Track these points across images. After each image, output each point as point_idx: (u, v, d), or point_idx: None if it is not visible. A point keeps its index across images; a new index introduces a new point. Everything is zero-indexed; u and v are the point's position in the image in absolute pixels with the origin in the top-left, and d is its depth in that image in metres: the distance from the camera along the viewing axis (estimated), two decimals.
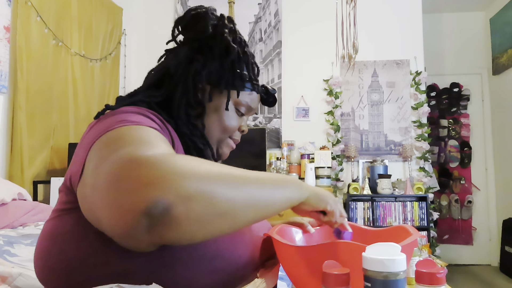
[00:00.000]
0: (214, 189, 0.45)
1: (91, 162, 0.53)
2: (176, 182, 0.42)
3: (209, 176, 0.45)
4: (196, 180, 0.44)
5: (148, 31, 3.88)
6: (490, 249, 4.23)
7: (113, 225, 0.44)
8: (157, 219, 0.41)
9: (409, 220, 3.23)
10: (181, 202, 0.42)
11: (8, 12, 2.39)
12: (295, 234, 0.79)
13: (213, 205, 0.44)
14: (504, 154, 4.08)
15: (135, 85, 3.12)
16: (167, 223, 0.42)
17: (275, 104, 0.87)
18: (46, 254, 0.61)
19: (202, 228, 0.45)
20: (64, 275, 0.58)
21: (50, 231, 0.62)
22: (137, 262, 0.57)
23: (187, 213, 0.42)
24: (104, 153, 0.51)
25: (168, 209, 0.41)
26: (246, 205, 0.48)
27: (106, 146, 0.53)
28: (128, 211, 0.42)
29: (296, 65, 3.74)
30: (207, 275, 0.61)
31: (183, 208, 0.42)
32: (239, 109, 0.79)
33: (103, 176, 0.46)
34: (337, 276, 0.48)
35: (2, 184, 1.96)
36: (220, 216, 0.45)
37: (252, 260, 0.70)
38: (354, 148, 3.56)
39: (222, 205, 0.45)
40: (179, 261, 0.59)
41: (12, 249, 1.36)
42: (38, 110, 2.58)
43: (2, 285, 0.93)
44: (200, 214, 0.43)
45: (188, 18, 0.76)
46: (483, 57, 4.37)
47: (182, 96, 0.73)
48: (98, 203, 0.47)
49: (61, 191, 0.64)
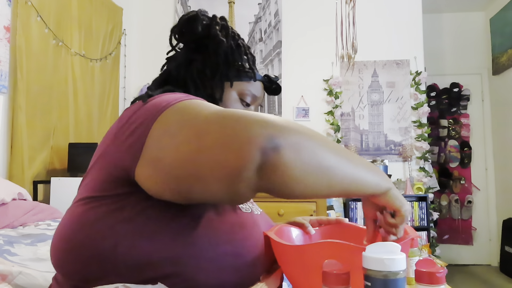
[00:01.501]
0: (320, 148, 0.50)
1: (167, 131, 0.54)
2: (286, 131, 0.48)
3: (315, 137, 0.51)
4: (303, 135, 0.49)
5: (148, 31, 3.88)
6: (490, 249, 4.23)
7: (223, 168, 0.47)
8: (268, 157, 0.45)
9: (409, 220, 3.22)
10: (290, 148, 0.47)
11: (8, 12, 2.39)
12: (294, 234, 0.79)
13: (317, 159, 0.49)
14: (504, 154, 4.08)
15: (135, 85, 3.13)
16: (276, 164, 0.46)
17: (279, 92, 0.88)
18: (70, 239, 0.60)
19: (304, 178, 0.48)
20: (84, 261, 0.59)
21: (78, 217, 0.61)
22: (162, 253, 0.58)
23: (294, 158, 0.47)
24: (188, 116, 0.54)
25: (279, 149, 0.46)
26: (344, 172, 0.53)
27: (185, 112, 0.55)
28: (244, 146, 0.45)
29: (296, 65, 3.74)
30: (227, 271, 0.62)
31: (292, 153, 0.47)
32: (244, 99, 0.80)
33: (207, 127, 0.50)
34: (337, 276, 0.48)
35: (2, 184, 1.96)
36: (321, 170, 0.50)
37: (262, 259, 0.70)
38: (354, 148, 3.56)
39: (325, 162, 0.50)
40: (203, 255, 0.60)
41: (12, 249, 1.36)
42: (38, 110, 2.58)
43: (3, 284, 0.93)
44: (306, 162, 0.48)
45: (181, 24, 0.78)
46: (483, 57, 4.37)
47: (196, 92, 0.74)
48: (199, 157, 0.49)
49: (92, 181, 0.62)
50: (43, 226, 1.75)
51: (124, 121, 0.61)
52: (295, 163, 0.47)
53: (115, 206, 0.59)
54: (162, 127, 0.55)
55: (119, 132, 0.60)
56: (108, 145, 0.62)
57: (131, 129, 0.58)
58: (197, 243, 0.60)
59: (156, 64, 3.45)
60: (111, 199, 0.59)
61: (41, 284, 0.98)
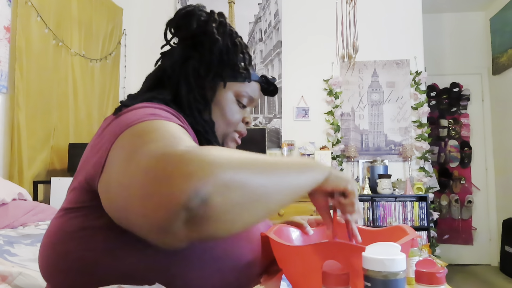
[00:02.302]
0: (248, 177, 0.46)
1: (118, 155, 0.52)
2: (213, 173, 0.42)
3: (242, 165, 0.46)
4: (231, 169, 0.44)
5: (148, 31, 3.88)
6: (490, 249, 4.23)
7: (148, 220, 0.43)
8: (196, 211, 0.41)
9: (409, 220, 3.23)
10: (219, 192, 0.42)
11: (8, 12, 2.39)
12: (293, 234, 0.79)
13: (248, 192, 0.45)
14: (504, 154, 4.08)
15: (135, 85, 3.14)
16: (205, 215, 0.42)
17: (276, 93, 0.86)
18: (51, 252, 0.60)
19: (238, 217, 0.45)
20: (68, 274, 0.58)
21: (56, 229, 0.61)
22: (147, 263, 0.57)
23: (225, 202, 0.43)
24: (136, 144, 0.51)
25: (206, 200, 0.41)
26: (277, 190, 0.50)
27: (139, 137, 0.52)
28: (166, 204, 0.41)
29: (296, 65, 3.74)
30: (216, 275, 0.61)
31: (221, 198, 0.42)
32: (241, 100, 0.79)
33: (137, 169, 0.46)
34: (337, 276, 0.48)
35: (2, 184, 1.96)
36: (254, 202, 0.46)
37: (258, 260, 0.70)
38: (354, 148, 3.56)
39: (256, 191, 0.46)
40: (190, 263, 0.59)
41: (12, 249, 1.36)
42: (38, 110, 2.58)
43: (2, 284, 0.93)
44: (237, 202, 0.44)
45: (178, 18, 0.76)
46: (483, 57, 4.37)
47: (188, 93, 0.73)
48: (130, 198, 0.46)
49: (73, 190, 0.63)
50: (43, 226, 1.75)
51: (99, 133, 0.61)
52: (226, 207, 0.43)
53: (91, 216, 0.58)
54: (115, 150, 0.54)
55: (93, 145, 0.61)
56: (85, 157, 0.62)
57: (99, 145, 0.58)
58: (184, 250, 0.58)
59: None
60: (87, 210, 0.59)
61: (40, 285, 0.98)
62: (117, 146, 0.54)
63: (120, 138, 0.54)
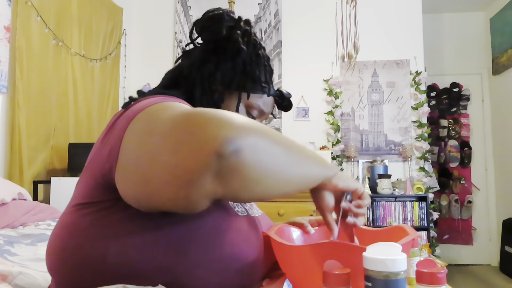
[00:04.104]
0: (275, 147, 0.48)
1: (136, 133, 0.53)
2: (244, 131, 0.44)
3: (268, 134, 0.48)
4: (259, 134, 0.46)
5: (148, 31, 3.87)
6: (490, 249, 4.23)
7: (177, 170, 0.44)
8: (227, 160, 0.42)
9: (409, 220, 3.23)
10: (249, 148, 0.44)
11: (8, 12, 2.39)
12: (294, 234, 0.79)
13: (275, 160, 0.48)
14: (504, 154, 4.08)
15: (135, 85, 3.13)
16: (235, 167, 0.43)
17: (290, 109, 0.85)
18: (61, 247, 0.60)
19: (263, 180, 0.47)
20: (75, 270, 0.58)
21: (67, 224, 0.61)
22: (153, 262, 0.57)
23: (254, 159, 0.44)
24: (154, 118, 0.52)
25: (239, 150, 0.43)
26: (299, 173, 0.53)
27: (154, 112, 0.53)
28: (199, 150, 0.43)
29: (296, 65, 3.74)
30: (221, 275, 0.61)
31: (252, 156, 0.44)
32: (251, 112, 0.78)
33: (163, 131, 0.47)
34: (337, 276, 0.48)
35: (2, 184, 1.96)
36: (279, 172, 0.49)
37: (262, 261, 0.70)
38: (354, 148, 3.56)
39: (281, 162, 0.49)
40: (195, 263, 0.59)
41: (13, 249, 1.36)
42: (38, 110, 2.58)
43: (3, 284, 0.93)
44: (265, 164, 0.46)
45: (204, 20, 0.76)
46: (483, 57, 4.37)
47: (201, 96, 0.73)
48: (154, 162, 0.47)
49: (86, 185, 0.62)
50: (43, 226, 1.75)
51: (109, 127, 0.61)
52: (255, 164, 0.45)
53: (103, 213, 0.58)
54: (130, 132, 0.54)
55: (104, 138, 0.61)
56: (95, 151, 0.62)
57: (111, 136, 0.58)
58: (189, 251, 0.58)
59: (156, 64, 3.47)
60: (99, 206, 0.59)
61: (41, 284, 0.98)
62: (130, 131, 0.54)
63: (133, 121, 0.55)
